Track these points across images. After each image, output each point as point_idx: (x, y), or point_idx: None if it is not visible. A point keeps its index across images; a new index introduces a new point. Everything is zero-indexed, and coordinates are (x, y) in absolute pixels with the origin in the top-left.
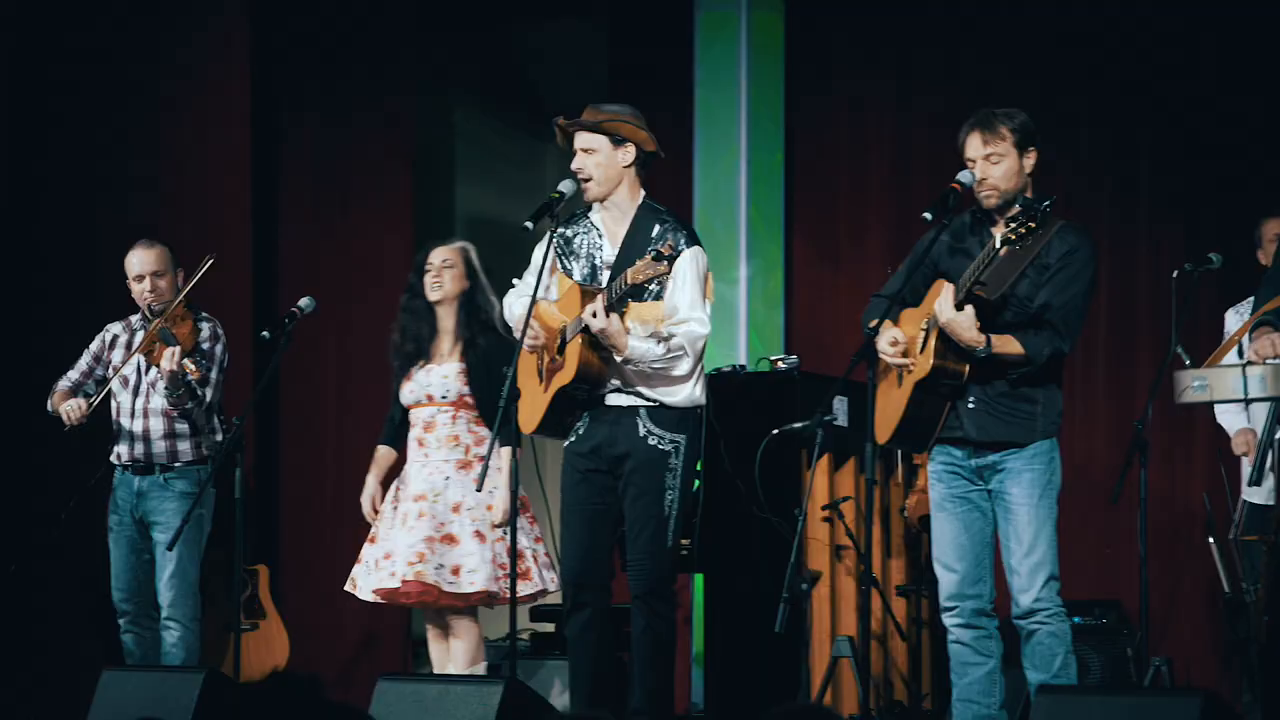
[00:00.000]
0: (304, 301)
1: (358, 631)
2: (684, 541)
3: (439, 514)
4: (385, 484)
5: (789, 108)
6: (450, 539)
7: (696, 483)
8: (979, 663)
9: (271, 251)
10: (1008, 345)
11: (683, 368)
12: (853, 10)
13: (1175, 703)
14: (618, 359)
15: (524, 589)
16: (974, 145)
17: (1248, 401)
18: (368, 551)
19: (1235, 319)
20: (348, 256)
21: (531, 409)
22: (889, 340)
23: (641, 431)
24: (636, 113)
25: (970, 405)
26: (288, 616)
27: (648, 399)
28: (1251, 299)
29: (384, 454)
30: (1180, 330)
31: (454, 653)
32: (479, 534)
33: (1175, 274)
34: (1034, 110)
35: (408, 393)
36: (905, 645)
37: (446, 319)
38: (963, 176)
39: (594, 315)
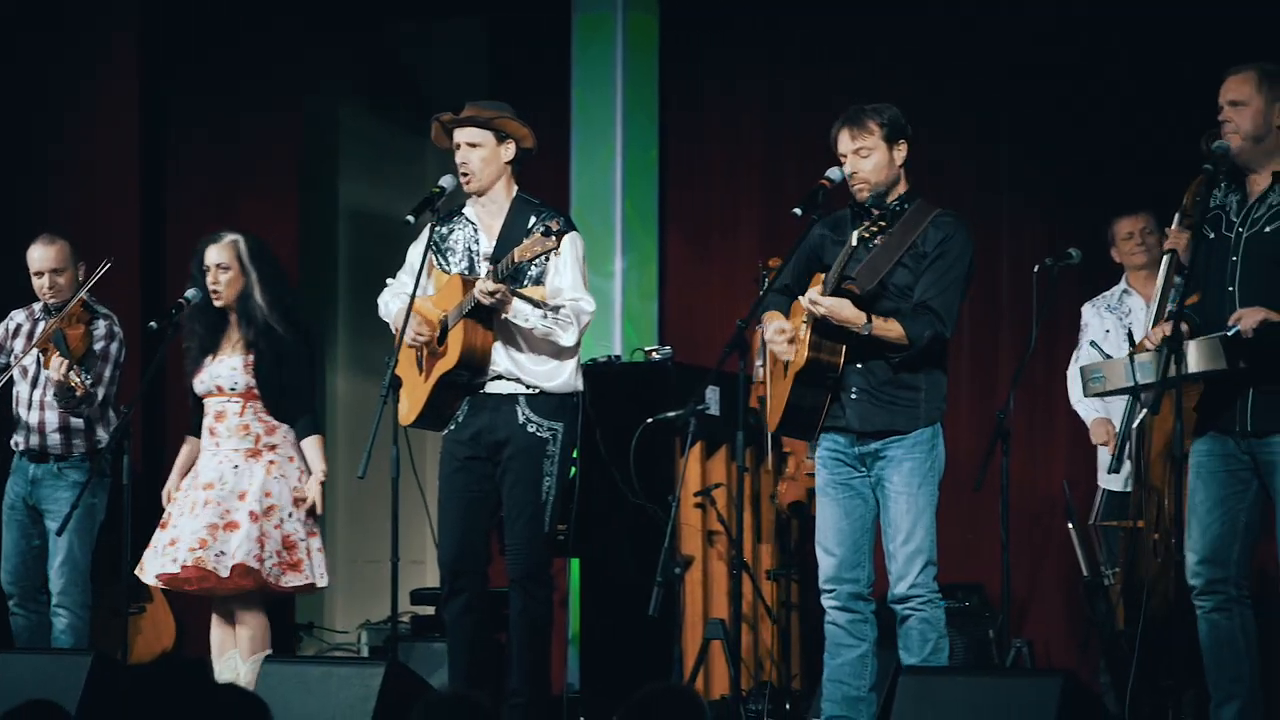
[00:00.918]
0: (190, 293)
1: None
2: (561, 527)
3: (225, 501)
4: None
5: (663, 106)
6: (233, 526)
7: (573, 470)
8: (852, 645)
9: (160, 245)
10: (888, 327)
11: (568, 338)
12: (725, 11)
13: (1036, 683)
14: (507, 315)
15: (294, 580)
16: (844, 141)
17: (1138, 389)
18: (157, 536)
19: (1092, 313)
20: None
21: (411, 401)
22: (775, 330)
23: (520, 419)
24: (513, 110)
25: (853, 396)
26: (174, 600)
27: (528, 386)
28: (1107, 293)
29: (190, 444)
30: (1040, 323)
31: (239, 641)
32: (253, 514)
33: (1036, 268)
34: (901, 105)
35: (199, 384)
36: (775, 628)
37: (233, 315)
38: (832, 173)
39: (484, 290)
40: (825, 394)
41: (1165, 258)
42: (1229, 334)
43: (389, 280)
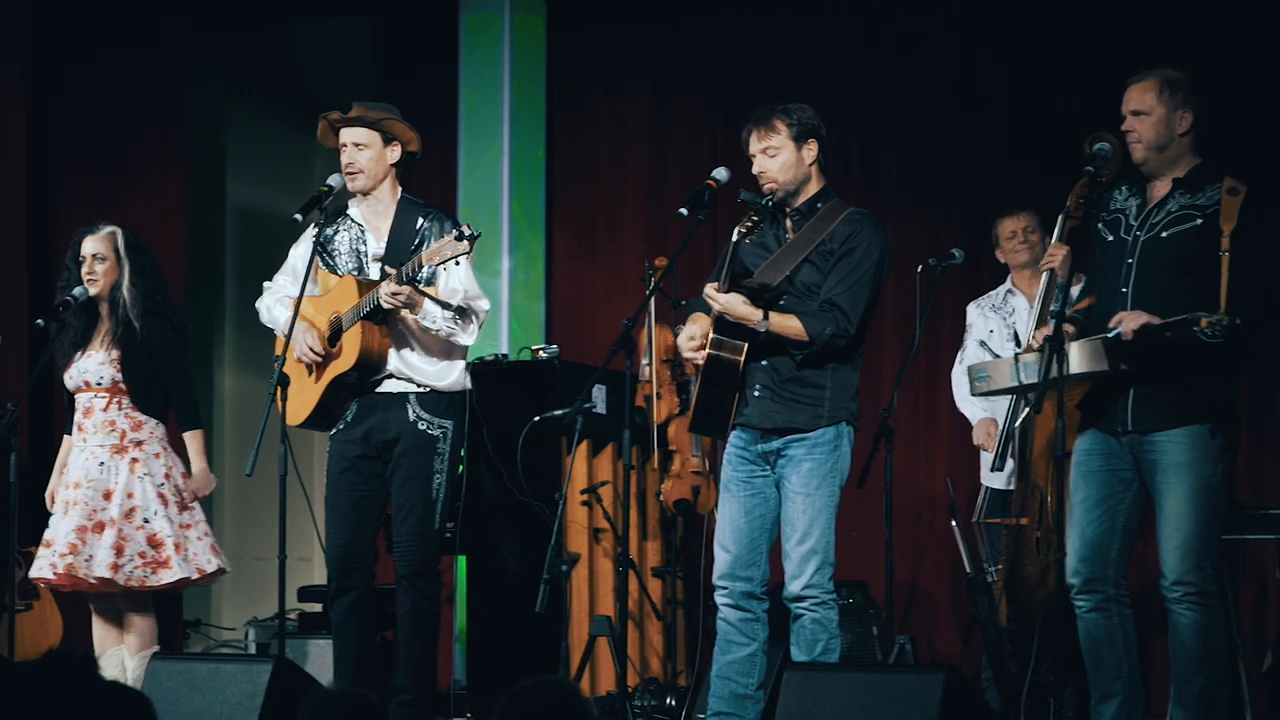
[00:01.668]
0: (77, 290)
1: None
2: (449, 525)
3: (92, 501)
4: None
5: (550, 106)
6: (100, 527)
7: (460, 467)
8: (742, 644)
9: (48, 243)
10: (787, 323)
11: (469, 337)
12: (611, 13)
13: (919, 679)
14: (415, 316)
15: (166, 577)
16: (752, 142)
17: (1022, 390)
18: (45, 535)
19: (976, 313)
20: None
21: (301, 401)
22: (686, 336)
23: (411, 416)
24: (399, 113)
25: (756, 393)
26: (62, 598)
27: (419, 385)
28: (991, 294)
29: (66, 443)
30: (924, 322)
31: (127, 640)
32: (112, 519)
33: (920, 268)
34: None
35: (68, 379)
36: (661, 624)
37: (103, 306)
38: (718, 173)
39: (392, 294)
40: (732, 392)
41: (1045, 274)
42: (1109, 335)
43: (266, 284)
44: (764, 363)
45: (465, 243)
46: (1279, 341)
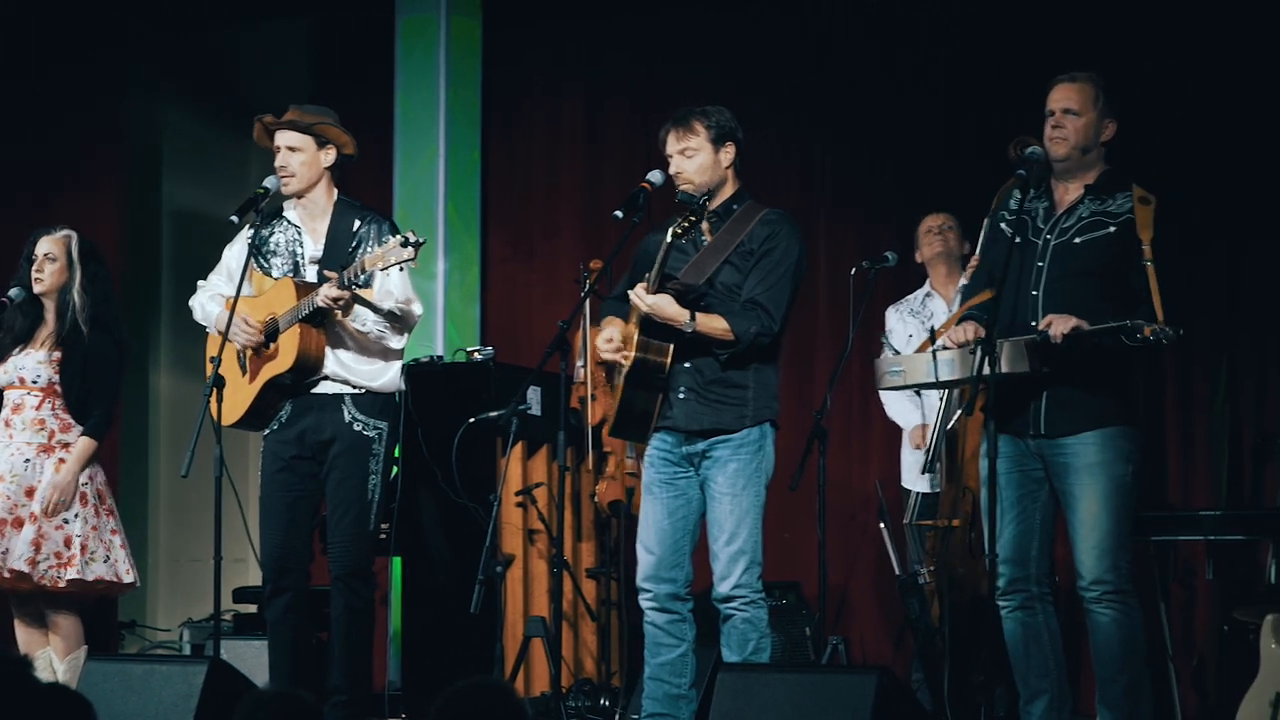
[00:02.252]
0: (13, 292)
1: None
2: (383, 525)
3: (14, 496)
4: None
5: (486, 109)
6: (19, 523)
7: (395, 469)
8: (672, 645)
9: None
10: (713, 323)
11: (401, 340)
12: (546, 16)
13: (852, 680)
14: (354, 324)
15: (68, 574)
16: (670, 142)
17: (939, 385)
18: None
19: (896, 318)
20: None
21: (235, 401)
22: (605, 338)
23: (347, 418)
24: (335, 116)
25: (680, 395)
26: None
27: (354, 386)
28: (909, 297)
29: None
30: (858, 325)
31: (53, 641)
32: (32, 515)
33: (853, 271)
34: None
35: (2, 374)
36: (595, 625)
37: (50, 308)
38: (652, 176)
39: (329, 296)
40: (656, 394)
41: (962, 276)
42: (1039, 337)
43: (200, 282)
44: (687, 365)
45: (410, 249)
46: (1206, 345)
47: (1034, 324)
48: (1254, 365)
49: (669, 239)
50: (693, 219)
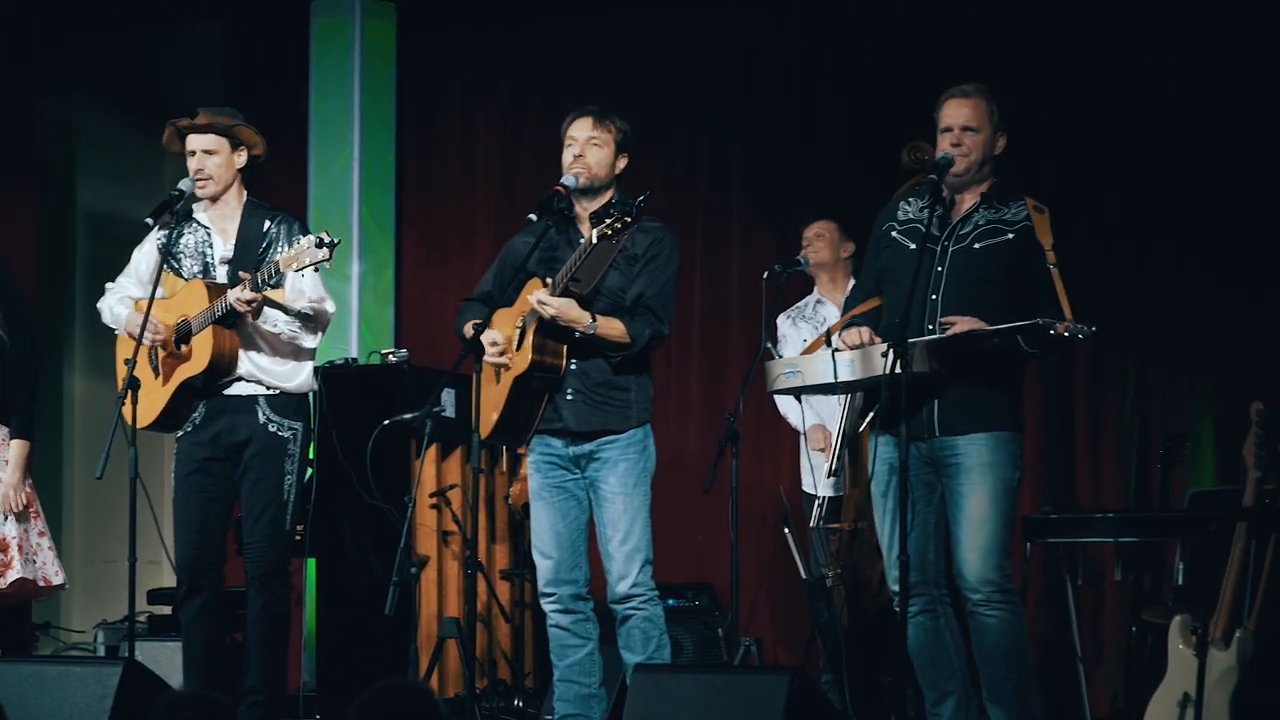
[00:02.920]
0: None
1: None
2: (299, 527)
3: None
4: None
5: (401, 112)
6: None
7: (309, 470)
8: (578, 645)
9: None
10: (611, 326)
11: (313, 340)
12: (462, 20)
13: (764, 680)
14: (266, 326)
15: (10, 576)
16: (582, 127)
17: (836, 388)
18: None
19: (788, 324)
20: None
21: (149, 403)
22: (489, 341)
23: (262, 419)
24: (243, 117)
25: (569, 397)
26: None
27: (268, 387)
28: (800, 304)
29: None
30: (770, 328)
31: None
32: None
33: (765, 275)
34: (636, 118)
35: None
36: (509, 626)
37: None
38: (567, 180)
39: (241, 299)
40: (544, 397)
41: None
42: (939, 335)
43: (108, 285)
44: (574, 367)
45: (325, 250)
46: (1116, 349)
47: (930, 327)
48: (1162, 368)
49: (596, 240)
50: (627, 220)
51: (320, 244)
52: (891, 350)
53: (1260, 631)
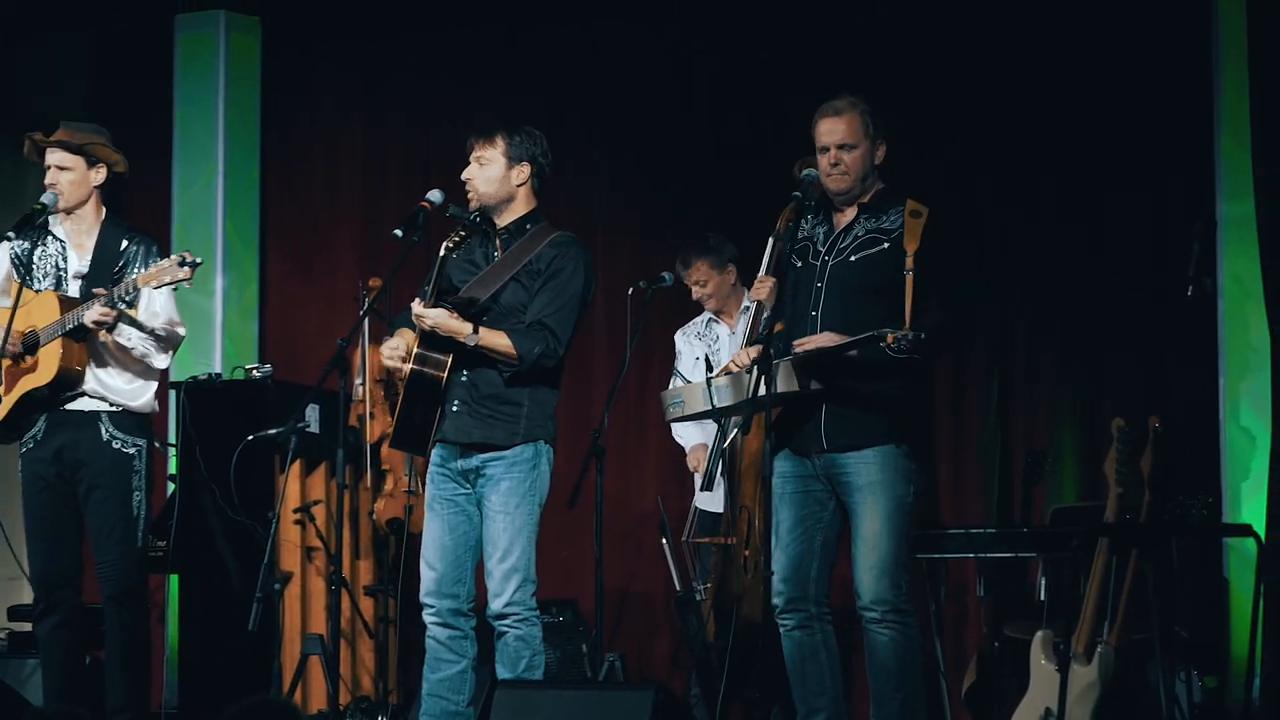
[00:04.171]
0: None
1: None
2: (160, 544)
3: None
4: None
5: (265, 126)
6: None
7: (172, 486)
8: (452, 661)
9: None
10: (496, 339)
11: (164, 360)
12: (327, 34)
13: (629, 696)
14: (120, 341)
15: None
16: (472, 148)
17: (716, 413)
18: None
19: (683, 341)
20: None
21: None
22: (390, 346)
23: (105, 435)
24: (108, 135)
25: (454, 409)
26: None
27: (112, 404)
28: (696, 320)
29: None
30: (635, 344)
31: None
32: None
33: (630, 291)
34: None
35: None
36: (373, 643)
37: None
38: (432, 195)
39: (100, 315)
40: (434, 407)
41: (752, 307)
42: (788, 357)
43: None
44: (464, 378)
45: (187, 269)
46: (980, 362)
47: None
48: (1023, 382)
49: (441, 254)
50: (464, 234)
51: (183, 263)
52: (756, 370)
53: (1121, 646)
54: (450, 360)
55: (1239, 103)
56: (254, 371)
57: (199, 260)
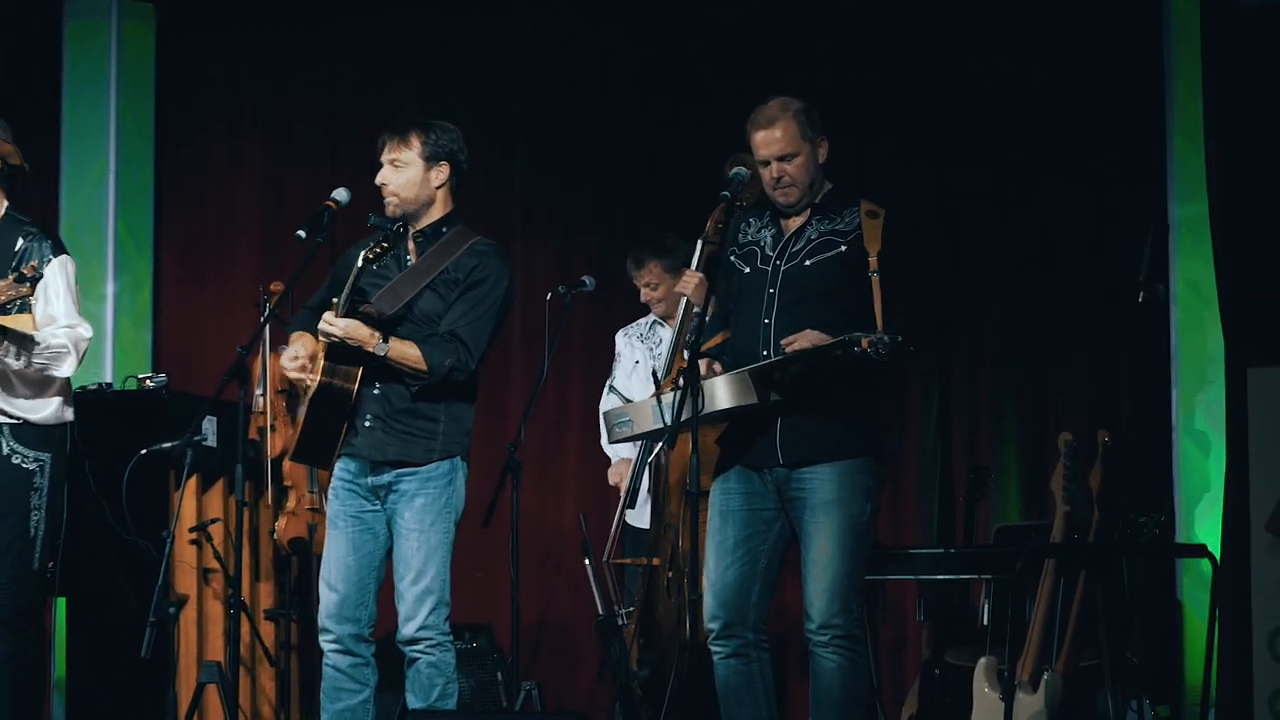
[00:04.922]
0: None
1: None
2: (49, 564)
3: None
4: None
5: (160, 121)
6: None
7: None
8: (354, 690)
9: None
10: (407, 351)
11: (67, 368)
12: (225, 25)
13: None
14: (8, 359)
15: None
16: (385, 150)
17: (666, 431)
18: None
19: (625, 343)
20: None
21: None
22: (290, 355)
23: (5, 450)
24: (4, 126)
25: (367, 423)
26: None
27: (12, 416)
28: (639, 322)
29: None
30: (554, 352)
31: None
32: None
33: (549, 296)
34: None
35: None
36: (274, 670)
37: None
38: (338, 194)
39: None
40: (342, 420)
41: (681, 303)
42: (770, 360)
43: None
44: (376, 391)
45: (27, 285)
46: (918, 377)
47: (765, 353)
48: (965, 397)
49: (360, 264)
50: (385, 245)
51: (21, 279)
52: (685, 383)
53: (1069, 673)
54: (360, 372)
55: (1191, 100)
56: (147, 381)
57: (39, 275)
